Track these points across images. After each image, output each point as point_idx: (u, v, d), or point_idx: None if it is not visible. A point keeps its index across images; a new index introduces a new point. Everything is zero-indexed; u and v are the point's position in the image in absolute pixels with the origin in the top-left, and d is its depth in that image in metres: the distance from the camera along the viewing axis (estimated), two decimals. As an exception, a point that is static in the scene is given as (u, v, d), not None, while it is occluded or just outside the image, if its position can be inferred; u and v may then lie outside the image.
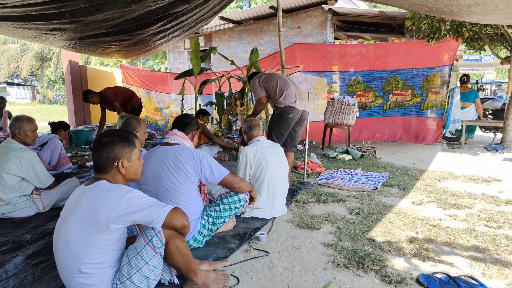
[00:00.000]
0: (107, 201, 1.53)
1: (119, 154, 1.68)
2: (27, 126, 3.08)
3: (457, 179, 4.23)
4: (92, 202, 1.54)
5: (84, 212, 1.54)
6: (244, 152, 2.98)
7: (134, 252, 1.62)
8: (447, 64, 6.69)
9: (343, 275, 2.02)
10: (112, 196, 1.54)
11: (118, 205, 1.51)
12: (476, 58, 15.31)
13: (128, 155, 1.71)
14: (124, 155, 1.69)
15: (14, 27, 4.25)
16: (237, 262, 2.18)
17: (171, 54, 11.32)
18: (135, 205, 1.54)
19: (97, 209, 1.52)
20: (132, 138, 1.75)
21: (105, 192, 1.56)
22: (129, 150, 1.71)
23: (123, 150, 1.69)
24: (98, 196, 1.55)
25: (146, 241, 1.63)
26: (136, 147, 1.75)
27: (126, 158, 1.70)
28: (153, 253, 1.62)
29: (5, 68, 30.65)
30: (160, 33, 5.26)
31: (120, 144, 1.69)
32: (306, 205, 3.27)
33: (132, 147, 1.73)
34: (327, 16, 8.40)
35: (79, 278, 1.56)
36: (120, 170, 1.68)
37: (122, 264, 1.62)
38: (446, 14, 4.19)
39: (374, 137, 7.32)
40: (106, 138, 1.70)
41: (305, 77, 7.64)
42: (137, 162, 1.76)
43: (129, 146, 1.71)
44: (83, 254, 1.52)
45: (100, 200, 1.54)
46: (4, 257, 2.29)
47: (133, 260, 1.61)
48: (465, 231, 2.64)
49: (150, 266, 1.62)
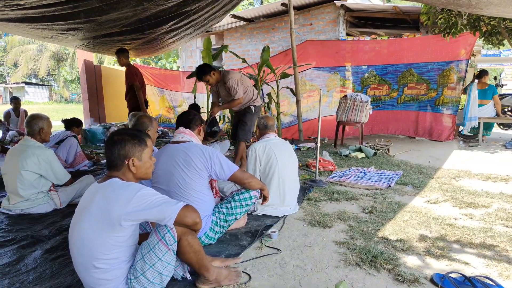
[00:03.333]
0: (119, 198, 1.55)
1: (129, 152, 1.69)
2: (47, 125, 3.18)
3: (473, 178, 4.15)
4: (104, 199, 1.57)
5: (97, 209, 1.57)
6: (253, 148, 3.00)
7: (147, 249, 1.65)
8: (464, 59, 6.55)
9: (355, 274, 2.01)
10: (124, 193, 1.56)
11: (130, 202, 1.53)
12: (495, 53, 14.92)
13: (139, 154, 1.72)
14: (135, 154, 1.70)
15: (32, 28, 4.35)
16: (249, 259, 2.18)
17: (183, 53, 11.39)
18: (147, 203, 1.56)
19: (109, 206, 1.54)
20: (143, 137, 1.76)
21: (118, 189, 1.59)
22: (140, 149, 1.72)
23: (134, 149, 1.70)
24: (110, 193, 1.58)
25: (159, 238, 1.65)
26: (148, 147, 1.76)
27: (136, 157, 1.71)
28: (166, 250, 1.64)
29: (24, 68, 31.38)
30: (172, 31, 5.30)
31: (131, 143, 1.70)
32: (318, 203, 3.26)
33: (143, 146, 1.74)
34: (339, 12, 8.31)
35: (94, 273, 1.59)
36: (131, 168, 1.70)
37: (136, 259, 1.65)
38: (464, 7, 4.08)
39: (387, 130, 7.26)
40: (117, 136, 1.72)
41: (317, 73, 7.61)
42: (148, 161, 1.77)
43: (140, 145, 1.72)
44: (97, 250, 1.56)
45: (113, 197, 1.56)
46: (24, 251, 2.36)
47: (147, 256, 1.63)
48: (482, 231, 2.59)
49: (163, 262, 1.64)
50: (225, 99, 4.40)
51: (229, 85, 4.14)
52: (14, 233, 2.66)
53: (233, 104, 4.26)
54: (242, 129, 4.46)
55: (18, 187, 2.97)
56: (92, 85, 9.30)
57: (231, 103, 4.25)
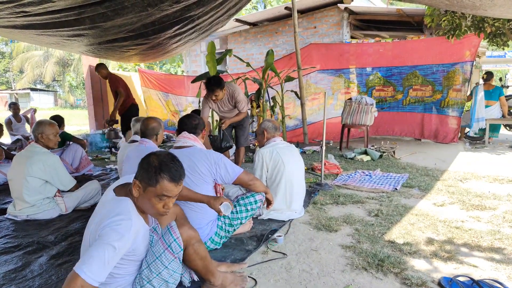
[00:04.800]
0: (102, 214, 1.49)
1: (138, 174, 1.55)
2: (49, 130, 3.18)
3: (480, 180, 4.11)
4: (100, 215, 1.54)
5: (97, 219, 1.55)
6: (260, 153, 2.98)
7: (153, 257, 1.63)
8: (469, 61, 6.51)
9: (362, 278, 1.99)
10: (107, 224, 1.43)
11: (99, 229, 1.44)
12: (500, 54, 14.80)
13: (144, 185, 1.52)
14: (141, 180, 1.53)
15: (37, 35, 4.39)
16: (255, 264, 2.17)
17: (187, 57, 11.44)
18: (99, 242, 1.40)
19: (99, 218, 1.50)
20: (158, 176, 1.51)
21: (112, 216, 1.46)
22: (146, 181, 1.52)
23: (143, 174, 1.53)
24: (104, 205, 1.54)
25: (165, 247, 1.64)
26: (155, 187, 1.50)
27: (141, 185, 1.53)
28: (172, 258, 1.63)
29: (29, 75, 31.69)
30: (176, 36, 5.32)
31: (144, 167, 1.54)
32: (323, 207, 3.24)
33: (151, 182, 1.50)
34: (343, 15, 8.31)
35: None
36: (134, 189, 1.54)
37: (142, 268, 1.64)
38: (468, 8, 4.06)
39: (393, 132, 7.24)
40: (148, 156, 1.57)
41: (322, 76, 7.61)
42: (151, 200, 1.52)
43: (148, 177, 1.51)
44: None
45: (104, 210, 1.51)
46: (30, 257, 2.37)
47: (153, 264, 1.62)
48: (489, 233, 2.56)
49: (169, 270, 1.63)
50: (225, 113, 4.37)
51: (238, 99, 4.18)
52: (20, 239, 2.67)
53: (241, 116, 4.29)
54: (243, 135, 4.54)
55: (24, 193, 2.99)
56: (97, 90, 9.38)
57: (239, 115, 4.27)
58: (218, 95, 3.98)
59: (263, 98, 6.72)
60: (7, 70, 38.97)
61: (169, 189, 1.52)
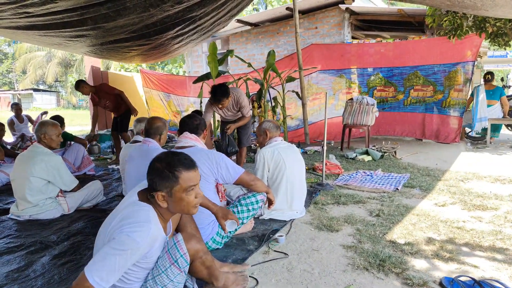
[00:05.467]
0: (123, 214, 1.49)
1: (157, 186, 1.52)
2: (52, 131, 3.19)
3: (482, 180, 4.10)
4: (114, 214, 1.55)
5: (119, 216, 1.53)
6: (261, 153, 2.99)
7: (158, 271, 1.59)
8: (470, 61, 6.50)
9: (363, 278, 2.00)
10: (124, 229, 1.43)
11: (117, 229, 1.44)
12: (502, 54, 14.77)
13: (168, 190, 1.51)
14: (163, 190, 1.51)
15: (40, 35, 4.42)
16: (256, 264, 2.18)
17: (189, 58, 11.46)
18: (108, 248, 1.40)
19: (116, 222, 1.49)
20: (175, 172, 1.51)
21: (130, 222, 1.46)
22: (168, 185, 1.51)
23: (161, 183, 1.51)
24: (122, 211, 1.52)
25: (171, 262, 1.59)
26: (180, 183, 1.51)
27: (166, 192, 1.51)
28: (178, 272, 1.61)
29: (32, 75, 31.79)
30: (178, 37, 5.34)
31: (158, 176, 1.52)
32: (325, 207, 3.25)
33: (173, 182, 1.51)
34: (344, 15, 8.32)
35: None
36: (160, 203, 1.53)
37: (147, 278, 1.61)
38: (469, 9, 4.06)
39: (394, 132, 7.24)
40: (153, 162, 1.56)
41: (323, 76, 7.62)
42: (183, 198, 1.53)
43: (168, 180, 1.51)
44: None
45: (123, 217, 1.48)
46: (32, 257, 2.38)
47: (158, 278, 1.59)
48: (491, 233, 2.56)
49: (174, 283, 1.62)
50: (229, 117, 4.41)
51: (243, 104, 4.21)
52: (22, 238, 2.68)
53: (245, 121, 4.34)
54: (245, 135, 4.58)
55: (27, 193, 3.00)
56: (99, 91, 9.38)
57: (244, 120, 4.32)
58: (224, 103, 3.99)
59: (264, 99, 6.73)
60: (10, 71, 39.11)
61: (192, 178, 1.54)
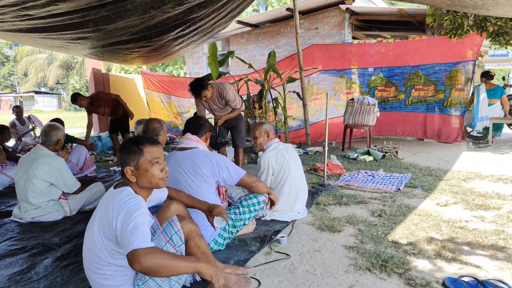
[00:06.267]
0: (115, 209, 1.53)
1: (126, 161, 1.65)
2: (63, 135, 3.26)
3: (484, 179, 4.09)
4: (108, 206, 1.58)
5: (101, 216, 1.59)
6: (265, 158, 2.94)
7: None
8: (471, 60, 6.49)
9: (366, 278, 1.99)
10: (120, 206, 1.52)
11: (118, 216, 1.50)
12: (503, 53, 14.74)
13: (135, 163, 1.64)
14: (130, 163, 1.64)
15: (41, 38, 4.43)
16: (258, 265, 2.18)
17: (189, 59, 11.48)
18: (127, 224, 1.47)
19: (108, 215, 1.53)
20: (139, 145, 1.66)
21: (120, 199, 1.55)
22: (134, 158, 1.64)
23: (128, 157, 1.65)
24: (113, 201, 1.56)
25: (166, 239, 1.66)
26: (144, 155, 1.65)
27: (133, 166, 1.65)
28: (173, 251, 1.65)
29: (33, 78, 31.89)
30: (179, 38, 5.35)
31: (125, 151, 1.66)
32: (326, 208, 3.24)
33: (138, 154, 1.65)
34: (344, 16, 8.32)
35: (100, 279, 1.62)
36: (129, 177, 1.65)
37: None
38: (470, 8, 4.05)
39: (395, 132, 7.24)
40: (122, 143, 1.72)
41: (324, 76, 7.61)
42: (149, 170, 1.65)
43: (134, 153, 1.64)
44: (100, 256, 1.57)
45: (111, 207, 1.54)
46: (35, 259, 2.38)
47: None
48: (494, 233, 2.55)
49: None
50: (218, 111, 4.46)
51: (228, 98, 4.26)
52: (25, 241, 2.69)
53: (235, 113, 4.39)
54: (239, 137, 4.62)
55: (29, 195, 3.01)
56: (100, 93, 9.40)
57: (233, 112, 4.36)
58: (206, 95, 4.13)
59: (265, 99, 6.73)
60: (11, 74, 39.24)
61: (155, 151, 1.69)
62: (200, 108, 4.46)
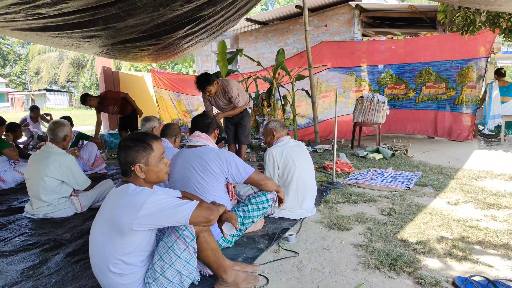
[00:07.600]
0: (129, 204, 1.55)
1: (135, 159, 1.66)
2: (71, 132, 3.30)
3: (496, 178, 4.03)
4: (115, 205, 1.59)
5: (108, 214, 1.61)
6: (270, 153, 2.98)
7: (165, 248, 1.67)
8: (483, 57, 6.38)
9: (375, 277, 1.98)
10: (136, 199, 1.55)
11: (142, 207, 1.52)
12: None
13: (145, 160, 1.68)
14: (140, 160, 1.67)
15: (52, 37, 4.49)
16: (266, 262, 2.18)
17: (198, 57, 11.51)
18: (159, 206, 1.54)
19: (119, 212, 1.55)
20: (148, 142, 1.71)
21: (129, 195, 1.57)
22: (145, 155, 1.68)
23: (138, 154, 1.67)
24: (121, 200, 1.58)
25: (177, 236, 1.67)
26: (154, 150, 1.70)
27: (143, 163, 1.67)
28: (184, 247, 1.66)
29: (45, 76, 32.36)
30: (188, 36, 5.37)
31: (134, 149, 1.67)
32: (335, 206, 3.23)
33: (149, 151, 1.69)
34: (354, 13, 8.25)
35: (109, 278, 1.63)
36: (138, 174, 1.67)
37: (154, 261, 1.67)
38: (482, 4, 3.99)
39: (405, 130, 7.16)
40: (122, 143, 1.71)
41: (333, 74, 7.57)
42: (157, 165, 1.72)
43: (144, 150, 1.68)
44: (110, 254, 1.59)
45: (122, 203, 1.56)
46: (47, 255, 2.43)
47: (165, 255, 1.65)
48: (505, 232, 2.51)
49: (182, 260, 1.66)
50: (222, 107, 4.48)
51: (231, 94, 4.27)
52: (37, 237, 2.74)
53: (236, 111, 4.40)
54: (243, 133, 4.62)
55: (41, 193, 3.06)
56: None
57: (234, 110, 4.38)
58: (211, 90, 4.17)
59: (274, 97, 6.72)
60: (23, 72, 39.84)
61: (161, 146, 1.77)
62: (207, 104, 4.51)
